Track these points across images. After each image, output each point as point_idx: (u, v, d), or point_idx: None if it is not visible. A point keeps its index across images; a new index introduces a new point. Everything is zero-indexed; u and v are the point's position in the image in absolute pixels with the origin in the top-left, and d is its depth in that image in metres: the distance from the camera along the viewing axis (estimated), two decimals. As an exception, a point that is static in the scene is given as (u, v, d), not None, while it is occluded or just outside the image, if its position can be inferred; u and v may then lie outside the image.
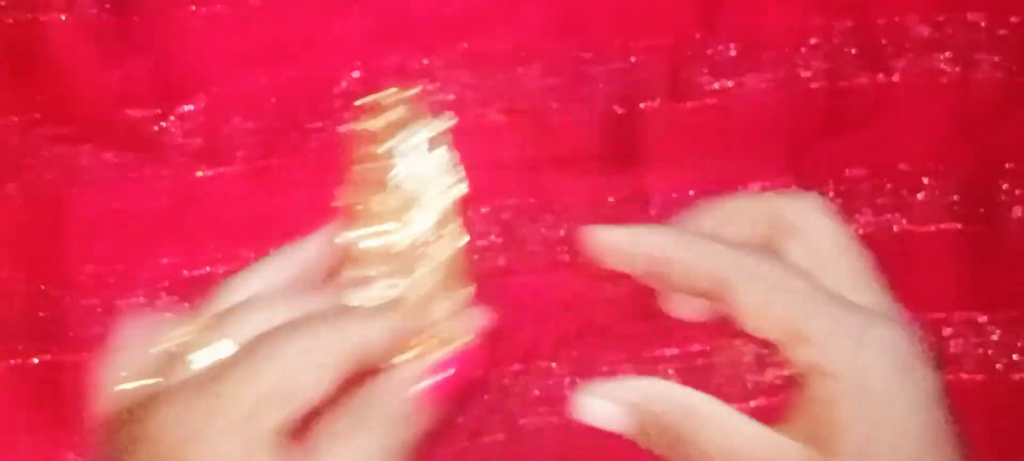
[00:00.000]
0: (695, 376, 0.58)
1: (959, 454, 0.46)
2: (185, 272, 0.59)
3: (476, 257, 0.58)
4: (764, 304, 0.48)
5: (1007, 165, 0.60)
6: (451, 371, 0.49)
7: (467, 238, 0.51)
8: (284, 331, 0.47)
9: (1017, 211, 0.60)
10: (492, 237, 0.59)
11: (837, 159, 0.60)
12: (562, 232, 0.53)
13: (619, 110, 0.60)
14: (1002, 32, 0.60)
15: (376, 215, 0.50)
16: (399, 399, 0.49)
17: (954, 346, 0.59)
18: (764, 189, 0.60)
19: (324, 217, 0.52)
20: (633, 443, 0.58)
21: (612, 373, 0.59)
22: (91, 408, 0.49)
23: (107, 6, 0.60)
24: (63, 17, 0.60)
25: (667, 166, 0.60)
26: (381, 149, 0.50)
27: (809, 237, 0.49)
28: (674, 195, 0.59)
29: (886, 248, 0.60)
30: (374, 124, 0.50)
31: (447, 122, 0.50)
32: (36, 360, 0.59)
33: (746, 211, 0.51)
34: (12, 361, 0.58)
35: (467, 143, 0.59)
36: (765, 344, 0.49)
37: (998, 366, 0.59)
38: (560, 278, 0.59)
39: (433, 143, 0.50)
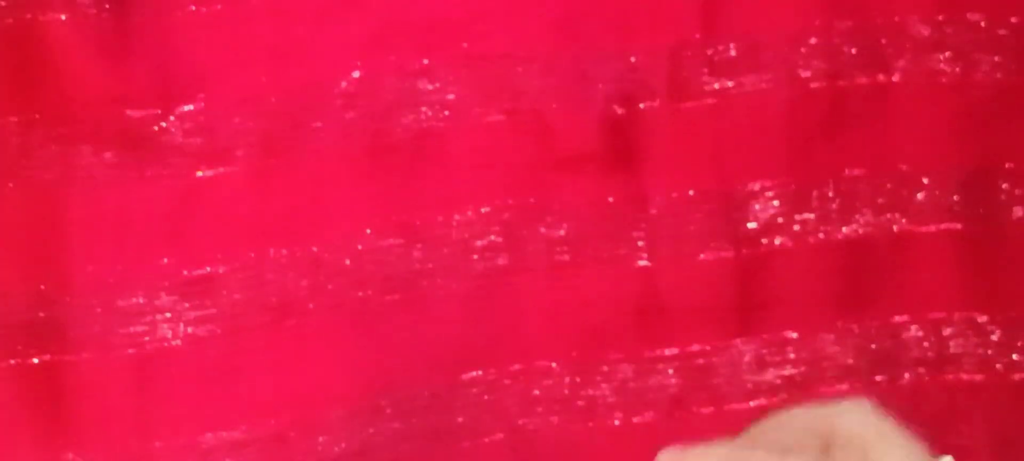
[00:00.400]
0: (695, 376, 0.58)
1: None
2: (185, 272, 0.59)
3: (476, 257, 0.59)
4: None
5: (1007, 165, 0.60)
6: None
7: None
8: None
9: (1017, 211, 0.60)
10: (492, 237, 0.59)
11: (837, 159, 0.60)
12: (562, 232, 0.53)
13: (619, 110, 0.60)
14: (1002, 32, 0.61)
15: None
16: None
17: (954, 346, 0.59)
18: (764, 189, 0.60)
19: (324, 216, 0.52)
20: (632, 443, 0.58)
21: (612, 373, 0.59)
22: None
23: (107, 6, 0.60)
24: (63, 17, 0.60)
25: (667, 166, 0.60)
26: None
27: (862, 445, 0.49)
28: (674, 195, 0.59)
29: (886, 248, 0.60)
30: None
31: None
32: (36, 360, 0.59)
33: (801, 423, 0.50)
34: (12, 361, 0.58)
35: (467, 143, 0.59)
36: (765, 344, 0.49)
37: (998, 366, 0.60)
38: (560, 278, 0.59)
39: None
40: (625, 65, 0.60)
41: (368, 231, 0.58)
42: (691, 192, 0.59)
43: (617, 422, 0.59)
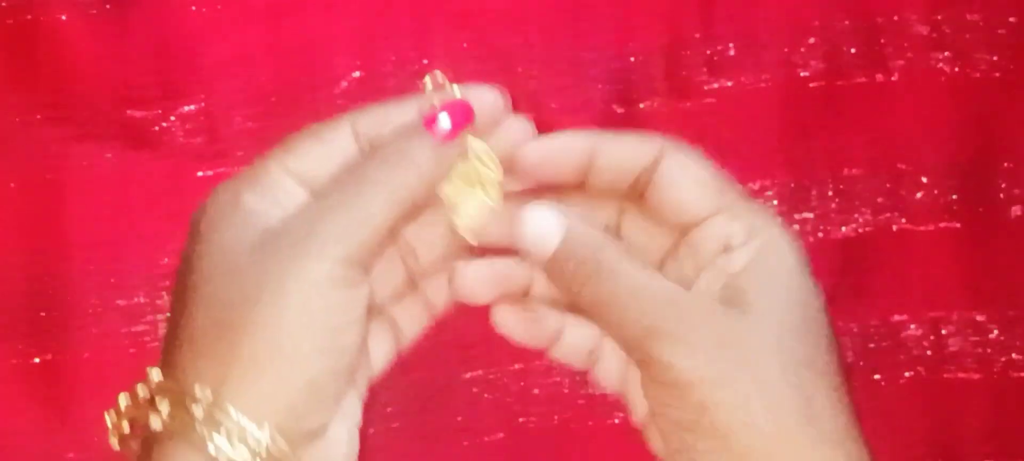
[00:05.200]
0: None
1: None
2: (186, 272, 0.59)
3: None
4: (691, 181, 0.50)
5: (1005, 164, 0.60)
6: (445, 114, 0.49)
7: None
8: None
9: (1016, 209, 0.60)
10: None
11: (836, 158, 0.60)
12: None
13: (619, 110, 0.60)
14: (1000, 31, 0.61)
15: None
16: (400, 148, 0.49)
17: (953, 344, 0.60)
18: (763, 188, 0.60)
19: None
20: (632, 441, 0.58)
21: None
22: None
23: (107, 6, 0.60)
24: (63, 17, 0.60)
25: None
26: None
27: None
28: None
29: (885, 247, 0.60)
30: None
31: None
32: (36, 360, 0.59)
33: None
34: (12, 361, 0.58)
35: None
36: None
37: (997, 365, 0.60)
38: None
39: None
40: (624, 64, 0.60)
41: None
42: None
43: (617, 421, 0.59)
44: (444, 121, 0.49)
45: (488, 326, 0.57)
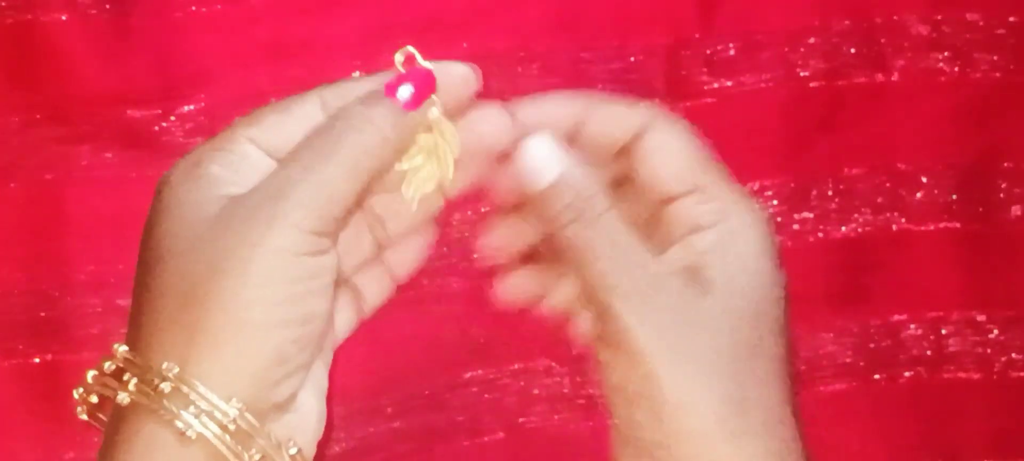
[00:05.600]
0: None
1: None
2: (185, 272, 0.59)
3: (476, 256, 0.59)
4: (671, 155, 0.50)
5: (1005, 164, 0.60)
6: (408, 82, 0.49)
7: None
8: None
9: (1015, 210, 0.60)
10: (492, 236, 0.59)
11: (836, 158, 0.60)
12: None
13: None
14: (1000, 31, 0.61)
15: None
16: (362, 112, 0.48)
17: (953, 345, 0.60)
18: (763, 188, 0.60)
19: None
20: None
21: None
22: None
23: (107, 6, 0.60)
24: (63, 17, 0.60)
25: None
26: None
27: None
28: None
29: (885, 247, 0.60)
30: None
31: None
32: (36, 360, 0.59)
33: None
34: (12, 361, 0.58)
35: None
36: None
37: (996, 365, 0.60)
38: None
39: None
40: (624, 64, 0.60)
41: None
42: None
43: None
44: (405, 89, 0.49)
45: (488, 326, 0.57)
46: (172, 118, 0.60)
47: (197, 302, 0.45)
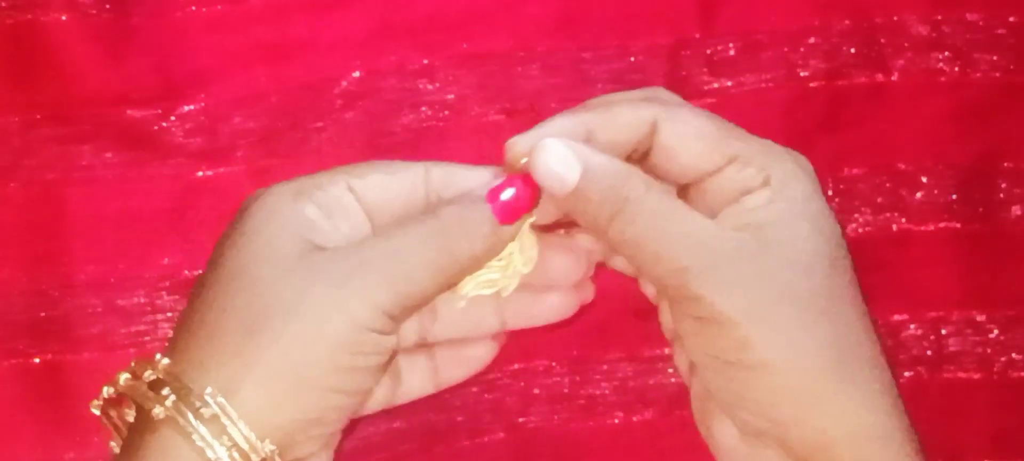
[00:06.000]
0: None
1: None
2: (186, 272, 0.59)
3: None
4: (693, 139, 0.50)
5: (1005, 164, 0.60)
6: (511, 190, 0.49)
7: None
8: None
9: (1015, 209, 0.60)
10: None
11: (836, 158, 0.60)
12: (563, 231, 0.53)
13: (619, 109, 0.60)
14: (1000, 31, 0.61)
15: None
16: (462, 214, 0.48)
17: (953, 344, 0.60)
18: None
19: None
20: (632, 441, 0.58)
21: (612, 372, 0.59)
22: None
23: (107, 6, 0.60)
24: (63, 17, 0.60)
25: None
26: None
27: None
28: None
29: (885, 247, 0.60)
30: None
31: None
32: (36, 360, 0.59)
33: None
34: (12, 361, 0.58)
35: (467, 143, 0.59)
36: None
37: (996, 365, 0.60)
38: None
39: None
40: (625, 64, 0.60)
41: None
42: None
43: (617, 421, 0.59)
44: (508, 193, 0.49)
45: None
46: (172, 118, 0.60)
47: (259, 335, 0.45)
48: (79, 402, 0.58)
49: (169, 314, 0.58)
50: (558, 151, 0.48)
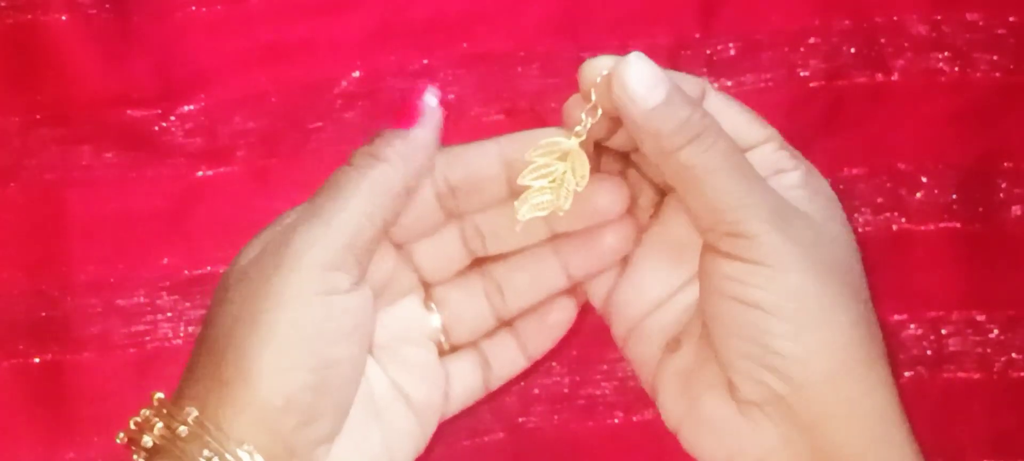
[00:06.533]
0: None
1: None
2: (186, 272, 0.59)
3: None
4: (737, 111, 0.50)
5: (1005, 164, 0.60)
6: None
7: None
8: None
9: (1016, 210, 0.60)
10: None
11: (836, 158, 0.60)
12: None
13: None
14: (1000, 31, 0.61)
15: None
16: (368, 149, 0.49)
17: (953, 344, 0.59)
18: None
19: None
20: (632, 441, 0.58)
21: (612, 371, 0.59)
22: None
23: (107, 6, 0.60)
24: (63, 17, 0.60)
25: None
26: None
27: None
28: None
29: (885, 247, 0.60)
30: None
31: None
32: (36, 360, 0.59)
33: None
34: (12, 361, 0.58)
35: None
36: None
37: (997, 365, 0.60)
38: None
39: None
40: (624, 65, 0.60)
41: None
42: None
43: (617, 420, 0.59)
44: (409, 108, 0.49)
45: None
46: (172, 118, 0.60)
47: (218, 352, 0.46)
48: (79, 402, 0.58)
49: (169, 314, 0.59)
50: (646, 68, 0.47)
